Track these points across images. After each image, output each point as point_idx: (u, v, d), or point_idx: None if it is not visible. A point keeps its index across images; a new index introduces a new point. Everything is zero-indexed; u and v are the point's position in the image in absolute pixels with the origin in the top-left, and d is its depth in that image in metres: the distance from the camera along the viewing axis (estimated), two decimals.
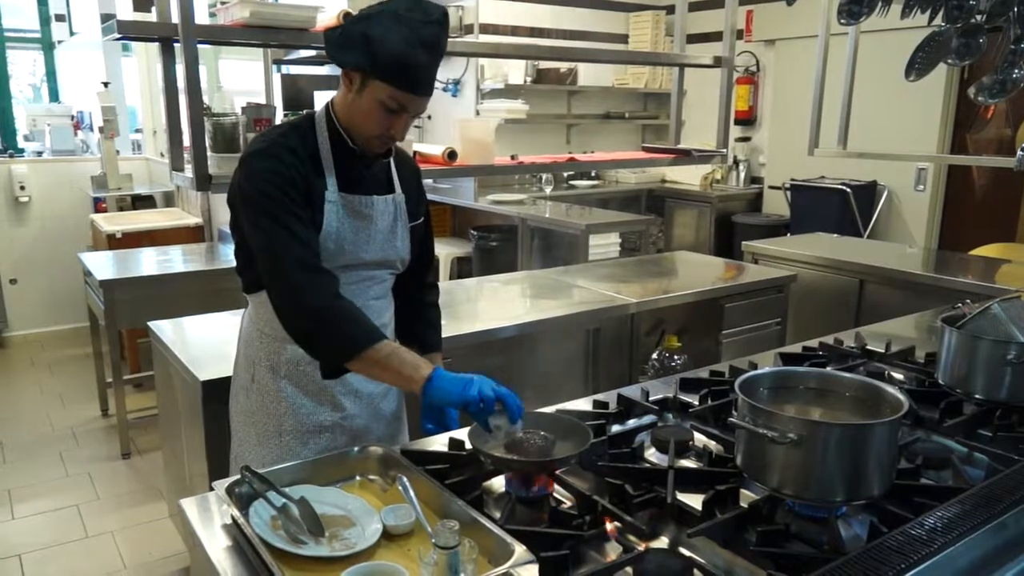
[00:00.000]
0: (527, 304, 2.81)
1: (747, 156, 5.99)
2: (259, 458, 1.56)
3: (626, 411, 1.63)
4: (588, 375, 2.67)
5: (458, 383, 1.31)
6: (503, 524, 1.13)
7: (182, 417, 2.25)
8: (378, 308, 1.57)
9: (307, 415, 1.54)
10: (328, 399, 1.55)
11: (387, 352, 1.35)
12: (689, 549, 1.14)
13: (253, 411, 1.57)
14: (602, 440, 1.44)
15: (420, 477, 1.26)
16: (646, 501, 1.25)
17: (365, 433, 1.61)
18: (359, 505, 1.23)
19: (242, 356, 1.62)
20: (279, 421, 1.55)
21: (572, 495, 1.28)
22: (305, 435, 1.55)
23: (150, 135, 5.96)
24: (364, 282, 1.54)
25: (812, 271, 3.49)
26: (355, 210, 1.48)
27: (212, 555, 1.13)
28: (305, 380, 1.54)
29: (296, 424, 1.55)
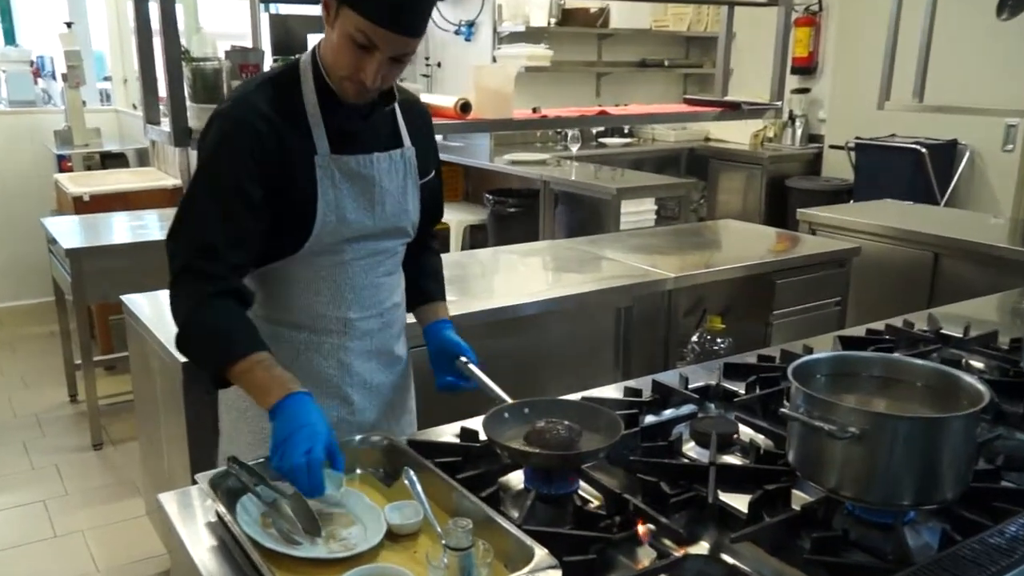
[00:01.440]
0: (549, 278, 2.80)
1: (805, 110, 5.92)
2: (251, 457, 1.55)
3: (662, 400, 1.63)
4: (618, 359, 2.67)
5: (293, 424, 1.22)
6: (522, 524, 1.13)
7: (160, 403, 2.27)
8: (389, 286, 1.57)
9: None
10: (334, 392, 1.53)
11: (245, 368, 1.31)
12: (732, 556, 1.14)
13: (245, 406, 1.54)
14: (634, 432, 1.44)
15: (429, 471, 1.26)
16: (684, 501, 1.24)
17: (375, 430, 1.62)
18: (360, 501, 1.23)
19: None
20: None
21: (600, 493, 1.29)
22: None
23: (120, 84, 5.95)
24: (372, 257, 1.52)
25: (879, 243, 3.46)
26: (353, 172, 1.45)
27: (195, 556, 1.13)
28: (307, 369, 1.51)
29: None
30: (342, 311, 1.51)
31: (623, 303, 2.64)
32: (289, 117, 1.40)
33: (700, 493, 1.26)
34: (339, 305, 1.51)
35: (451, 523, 0.98)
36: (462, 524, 0.98)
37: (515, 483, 1.35)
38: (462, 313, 2.20)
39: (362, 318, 1.53)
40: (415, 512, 1.20)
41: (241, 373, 1.30)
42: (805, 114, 5.93)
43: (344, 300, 1.51)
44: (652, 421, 1.54)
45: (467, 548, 0.98)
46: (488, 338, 2.25)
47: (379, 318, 1.56)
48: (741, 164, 5.74)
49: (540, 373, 2.49)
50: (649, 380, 1.70)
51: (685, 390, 1.65)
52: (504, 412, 1.42)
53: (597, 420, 1.40)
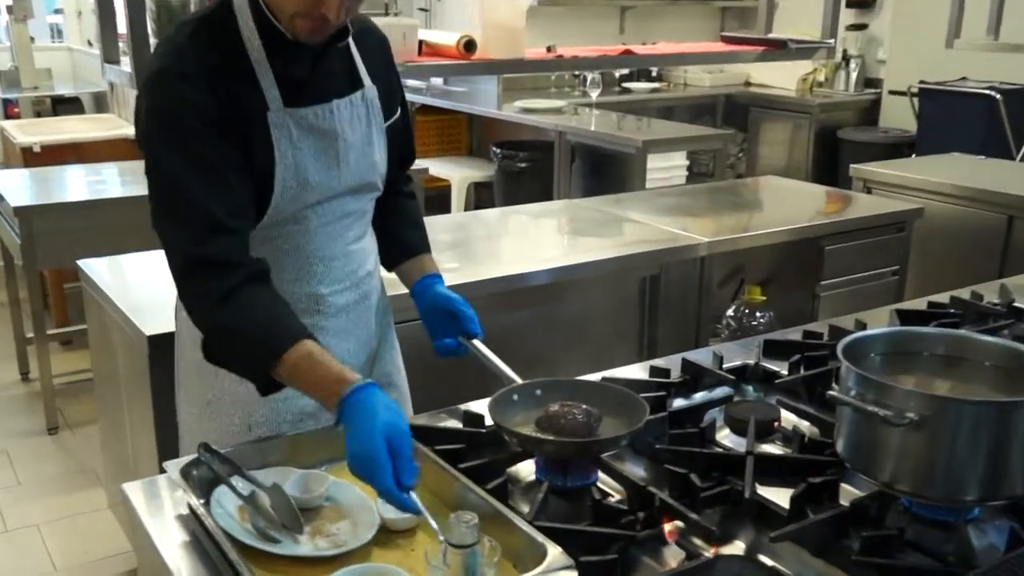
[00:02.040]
0: (564, 243, 2.80)
1: (861, 50, 5.89)
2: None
3: (693, 381, 1.64)
4: (644, 335, 2.68)
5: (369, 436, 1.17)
6: (533, 520, 1.14)
7: (123, 382, 2.29)
8: (361, 253, 1.55)
9: (283, 400, 1.48)
10: None
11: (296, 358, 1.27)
12: (771, 557, 1.14)
13: (209, 401, 1.53)
14: (661, 417, 1.45)
15: (428, 460, 1.26)
16: (717, 496, 1.25)
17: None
18: (350, 493, 1.24)
19: (184, 325, 1.56)
20: (247, 411, 1.51)
21: (622, 486, 1.29)
22: (282, 426, 1.51)
23: (74, 17, 5.92)
24: (339, 221, 1.49)
25: (944, 204, 3.44)
26: (312, 127, 1.41)
27: (164, 553, 1.14)
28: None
29: (270, 413, 1.50)
30: (312, 286, 1.49)
31: (649, 271, 2.64)
32: (232, 67, 1.34)
33: (735, 486, 1.26)
34: (308, 280, 1.49)
35: (454, 517, 0.99)
36: (466, 519, 0.98)
37: (525, 474, 1.35)
38: (464, 282, 2.20)
39: (335, 292, 1.52)
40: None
41: (287, 374, 1.27)
42: (861, 55, 5.89)
43: (313, 274, 1.49)
44: (681, 405, 1.54)
45: (471, 545, 0.97)
46: (494, 311, 2.24)
47: (354, 290, 1.54)
48: (786, 113, 5.71)
49: (554, 351, 2.50)
50: (678, 359, 1.70)
51: (719, 370, 1.65)
52: (513, 394, 1.42)
53: (619, 403, 1.40)
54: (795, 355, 1.70)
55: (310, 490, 1.24)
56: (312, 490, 1.24)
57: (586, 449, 1.31)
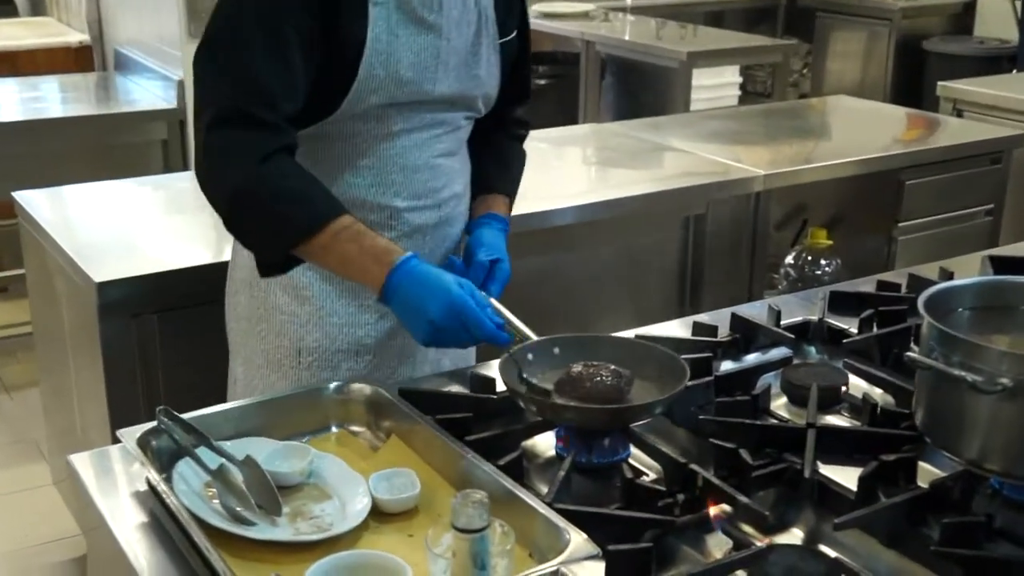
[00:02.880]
0: (592, 176, 2.81)
1: None
2: (268, 387, 1.62)
3: (744, 340, 1.65)
4: (686, 286, 2.69)
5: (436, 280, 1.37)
6: (553, 502, 1.13)
7: (69, 337, 2.30)
8: (448, 170, 1.61)
9: (340, 327, 1.59)
10: (374, 301, 1.54)
11: (339, 227, 1.39)
12: (834, 548, 1.14)
13: (259, 317, 1.62)
14: (705, 382, 1.44)
15: (428, 431, 1.27)
16: (771, 475, 1.25)
17: (423, 358, 1.66)
18: (337, 469, 1.25)
19: None
20: (298, 334, 1.60)
21: (658, 462, 1.29)
22: (335, 357, 1.59)
23: None
24: (428, 130, 1.56)
25: None
26: (416, 15, 1.49)
27: (119, 536, 1.15)
28: (339, 277, 1.56)
29: (323, 339, 1.59)
30: (387, 197, 1.55)
31: (694, 210, 2.64)
32: None
33: (793, 465, 1.26)
34: (384, 190, 1.55)
35: (459, 497, 0.99)
36: (475, 498, 0.98)
37: (543, 448, 1.36)
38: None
39: (413, 208, 1.57)
40: (409, 483, 1.20)
41: (321, 247, 1.39)
42: None
43: (390, 184, 1.55)
44: (730, 368, 1.55)
45: (480, 530, 0.97)
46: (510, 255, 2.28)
47: (435, 210, 1.60)
48: (861, 19, 5.67)
49: (579, 304, 2.50)
50: (727, 314, 1.71)
51: (776, 327, 1.66)
52: (528, 352, 1.43)
53: (655, 365, 1.40)
54: (867, 310, 1.71)
55: (290, 465, 1.24)
56: (293, 465, 1.24)
57: (615, 417, 1.31)
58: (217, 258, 2.02)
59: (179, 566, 1.11)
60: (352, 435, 1.37)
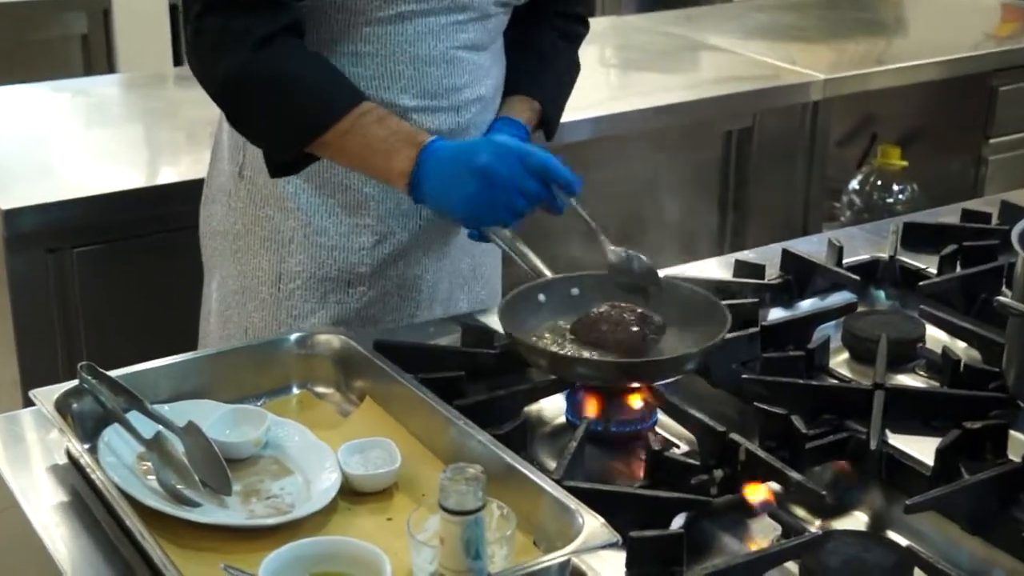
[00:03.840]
0: (611, 81, 2.79)
1: None
2: (241, 321, 1.65)
3: (798, 282, 1.65)
4: (726, 216, 2.70)
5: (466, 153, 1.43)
6: (562, 479, 1.13)
7: None
8: (469, 68, 1.60)
9: (329, 249, 1.59)
10: (372, 221, 1.58)
11: (359, 114, 1.42)
12: (906, 534, 1.14)
13: (236, 233, 1.64)
14: (750, 333, 1.45)
15: (410, 393, 1.27)
16: (830, 447, 1.25)
17: (432, 295, 1.67)
18: (300, 439, 1.25)
19: (225, 134, 1.67)
20: (279, 254, 1.61)
21: (691, 431, 1.29)
22: (322, 285, 1.61)
23: None
24: (447, 14, 1.54)
25: None
26: None
27: (33, 519, 1.14)
28: (337, 180, 1.57)
29: (308, 263, 1.60)
30: (392, 93, 1.54)
31: (736, 123, 2.64)
32: None
33: (856, 434, 1.26)
34: (389, 84, 1.54)
35: (448, 472, 0.99)
36: (467, 474, 0.98)
37: (552, 414, 1.36)
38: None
39: (424, 109, 1.56)
40: (387, 456, 1.20)
41: (339, 136, 1.43)
42: None
43: (398, 77, 1.54)
44: (780, 317, 1.55)
45: (474, 512, 0.97)
46: None
47: (452, 115, 1.59)
48: None
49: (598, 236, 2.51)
50: (777, 250, 1.71)
51: (837, 267, 1.66)
52: (538, 293, 1.43)
53: (688, 311, 1.40)
54: (949, 246, 1.71)
55: (242, 433, 1.24)
56: (245, 433, 1.24)
57: (640, 373, 1.31)
58: (152, 181, 2.02)
59: (106, 555, 1.10)
60: (317, 397, 1.37)
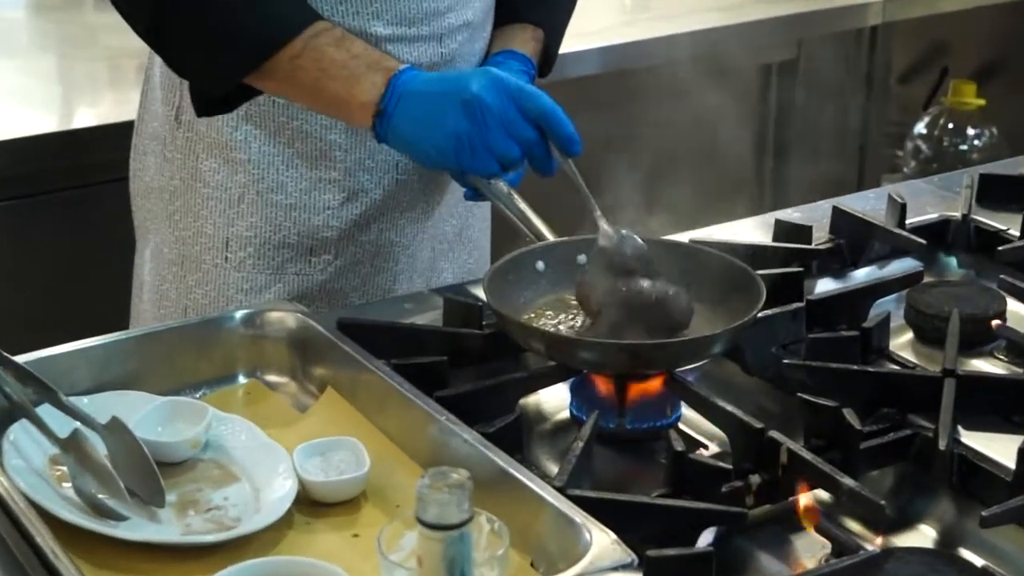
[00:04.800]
0: (626, 3, 2.80)
1: None
2: (179, 297, 1.66)
3: (851, 247, 1.66)
4: (764, 167, 2.72)
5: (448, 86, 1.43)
6: (566, 487, 1.13)
7: None
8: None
9: (287, 208, 1.61)
10: (339, 175, 1.60)
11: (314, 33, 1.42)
12: (982, 553, 1.14)
13: (173, 190, 1.65)
14: (793, 309, 1.46)
15: (381, 382, 1.27)
16: (890, 446, 1.25)
17: (411, 264, 1.70)
18: (247, 438, 1.26)
19: (158, 68, 1.68)
20: (225, 216, 1.62)
21: (722, 427, 1.29)
22: (279, 253, 1.63)
23: None
24: None
25: None
26: None
27: None
28: (296, 125, 1.59)
29: (262, 225, 1.62)
30: (362, 20, 1.55)
31: (777, 55, 2.67)
32: None
33: (922, 431, 1.26)
34: (358, 9, 1.56)
35: (428, 478, 0.99)
36: (451, 481, 0.98)
37: (553, 408, 1.37)
38: None
39: (400, 39, 1.58)
40: (353, 458, 1.21)
41: (294, 59, 1.43)
42: None
43: (367, 0, 1.56)
44: (830, 290, 1.56)
45: (459, 526, 0.97)
46: None
47: (433, 44, 1.61)
48: None
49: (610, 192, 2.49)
50: (827, 208, 1.73)
51: (899, 228, 1.67)
52: (536, 259, 1.44)
53: (718, 282, 1.41)
54: None
55: (177, 431, 1.25)
56: (181, 431, 1.25)
57: (659, 358, 1.31)
58: (66, 124, 2.02)
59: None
60: (269, 388, 1.38)
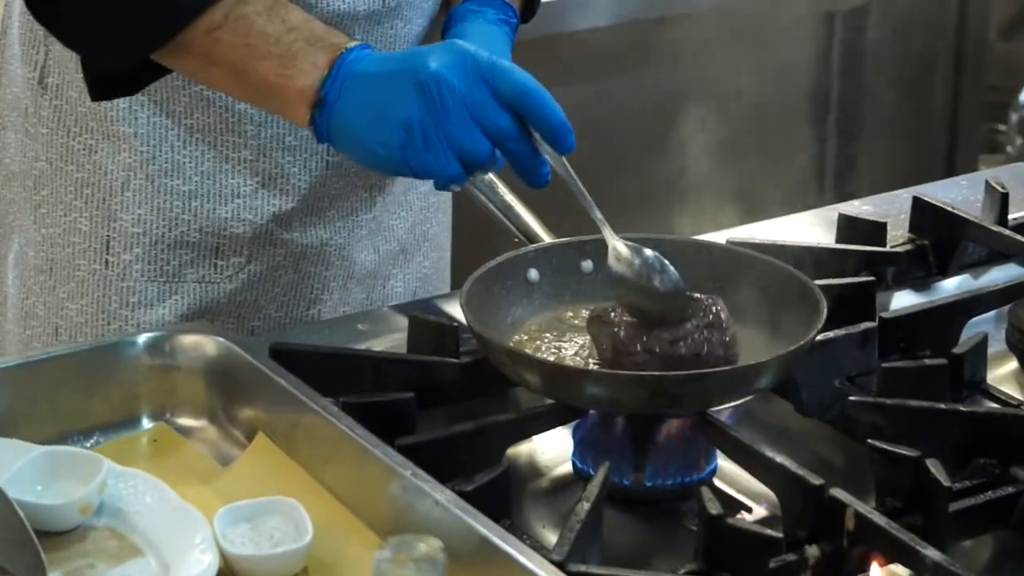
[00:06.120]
0: None
1: None
2: (48, 314, 1.73)
3: (937, 249, 1.72)
4: (827, 145, 2.80)
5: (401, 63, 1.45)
6: (566, 561, 1.14)
7: None
8: None
9: (186, 198, 1.67)
10: (251, 154, 1.67)
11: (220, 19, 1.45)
12: None
13: (39, 176, 1.71)
14: (861, 331, 1.49)
15: (328, 426, 1.29)
16: (987, 507, 1.26)
17: (348, 269, 1.78)
18: (152, 500, 1.27)
19: (16, 18, 1.76)
20: (105, 208, 1.67)
21: (769, 483, 1.30)
22: (175, 255, 1.69)
23: None
24: None
25: None
26: None
27: None
28: (194, 88, 1.66)
29: (152, 219, 1.68)
30: None
31: (844, 1, 2.73)
32: None
33: None
34: None
35: (389, 550, 1.00)
36: (419, 552, 1.00)
37: (549, 459, 1.41)
38: None
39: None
40: (292, 524, 1.22)
41: (210, 34, 1.46)
42: None
43: None
44: (910, 305, 1.61)
45: None
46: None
47: None
48: None
49: (630, 179, 2.56)
50: (905, 198, 1.79)
51: (999, 226, 1.72)
52: (528, 267, 1.50)
53: (766, 295, 1.46)
54: None
55: (63, 491, 1.26)
56: (68, 491, 1.26)
57: (687, 394, 1.33)
58: None
59: None
60: (182, 434, 1.40)
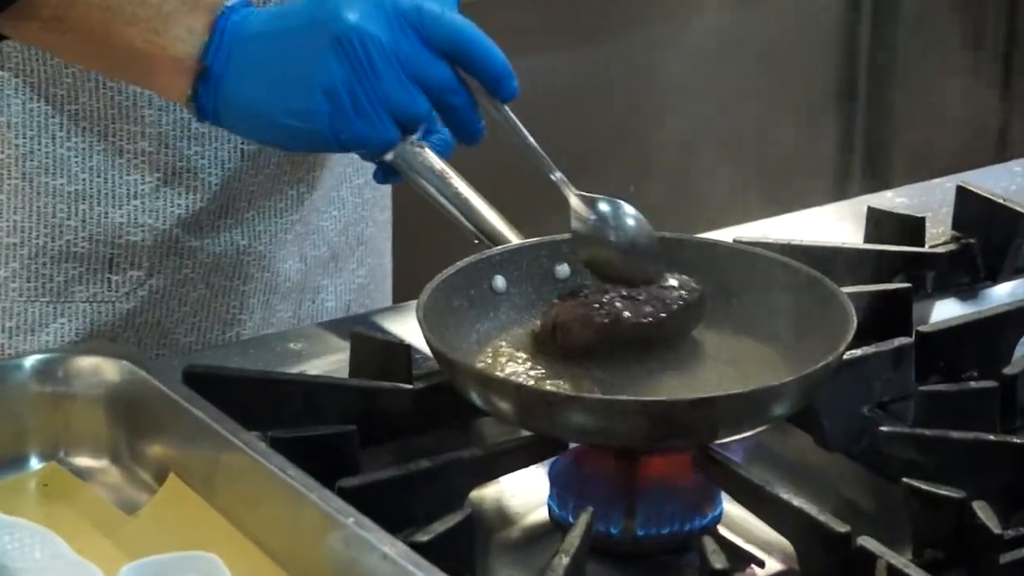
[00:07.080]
0: None
1: None
2: None
3: (985, 250, 1.75)
4: (854, 125, 2.81)
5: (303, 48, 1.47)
6: None
7: None
8: None
9: (73, 199, 1.75)
10: (151, 145, 1.72)
11: None
12: None
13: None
14: (895, 348, 1.50)
15: (254, 467, 1.28)
16: None
17: (271, 282, 1.85)
18: (44, 555, 1.26)
19: None
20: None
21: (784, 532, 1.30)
22: (64, 269, 1.76)
23: None
24: None
25: None
26: None
27: None
28: (75, 68, 1.70)
29: (35, 226, 1.76)
30: None
31: None
32: None
33: None
34: None
35: None
36: None
37: (522, 503, 1.41)
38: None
39: None
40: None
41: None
42: None
43: None
44: (952, 317, 1.62)
45: None
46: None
47: None
48: None
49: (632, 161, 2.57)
50: (949, 188, 1.83)
51: None
52: (493, 274, 1.53)
53: (780, 304, 1.48)
54: None
55: None
56: None
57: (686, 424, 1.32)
58: None
59: None
60: (78, 476, 1.39)
